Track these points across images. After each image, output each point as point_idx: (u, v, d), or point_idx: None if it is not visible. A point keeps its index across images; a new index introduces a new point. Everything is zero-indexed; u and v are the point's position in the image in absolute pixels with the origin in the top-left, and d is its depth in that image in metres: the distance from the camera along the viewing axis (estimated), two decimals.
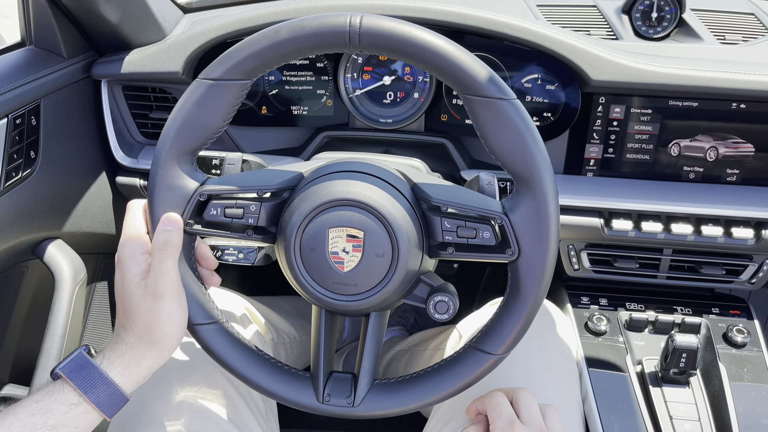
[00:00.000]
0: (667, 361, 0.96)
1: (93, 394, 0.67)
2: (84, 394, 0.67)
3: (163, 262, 0.69)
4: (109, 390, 0.68)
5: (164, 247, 0.69)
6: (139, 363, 0.70)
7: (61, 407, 0.66)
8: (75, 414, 0.67)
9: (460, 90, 0.66)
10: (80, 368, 0.68)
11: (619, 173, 1.11)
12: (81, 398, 0.67)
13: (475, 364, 0.72)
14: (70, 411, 0.66)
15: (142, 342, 0.70)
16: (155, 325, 0.69)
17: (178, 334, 0.71)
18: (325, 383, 0.74)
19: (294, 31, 0.65)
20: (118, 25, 1.08)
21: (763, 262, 1.09)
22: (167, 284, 0.69)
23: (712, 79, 1.00)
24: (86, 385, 0.67)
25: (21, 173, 0.97)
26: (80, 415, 0.67)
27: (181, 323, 0.71)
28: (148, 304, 0.69)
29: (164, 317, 0.69)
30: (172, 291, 0.69)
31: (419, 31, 0.64)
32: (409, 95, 1.15)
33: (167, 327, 0.70)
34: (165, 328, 0.70)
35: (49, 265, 1.07)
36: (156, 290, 0.69)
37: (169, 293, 0.69)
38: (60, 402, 0.66)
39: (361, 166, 0.73)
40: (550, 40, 1.03)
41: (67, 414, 0.66)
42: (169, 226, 0.70)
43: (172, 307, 0.70)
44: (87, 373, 0.68)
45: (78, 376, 0.68)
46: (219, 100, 0.68)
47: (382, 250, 0.68)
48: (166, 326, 0.70)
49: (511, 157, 0.67)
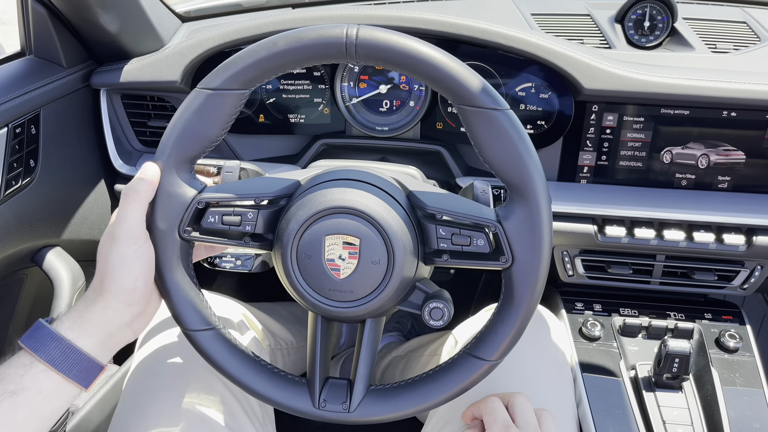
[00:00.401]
0: (660, 366, 0.97)
1: (43, 351, 0.65)
2: (34, 352, 0.65)
3: (124, 207, 0.68)
4: (61, 346, 0.65)
5: (128, 191, 0.69)
6: (86, 315, 0.68)
7: (16, 371, 0.64)
8: (31, 375, 0.64)
9: (455, 100, 0.67)
10: (33, 331, 0.67)
11: (612, 180, 1.12)
12: (32, 357, 0.65)
13: (470, 370, 0.73)
14: (25, 373, 0.64)
15: (95, 292, 0.69)
16: (107, 270, 0.68)
17: (128, 284, 0.69)
18: (321, 389, 0.75)
19: (292, 42, 0.66)
20: (118, 34, 1.09)
21: (755, 268, 1.10)
22: (124, 227, 0.68)
23: (704, 87, 1.02)
24: (36, 344, 0.65)
25: (20, 182, 0.98)
26: (37, 375, 0.64)
27: (131, 272, 0.68)
28: (105, 249, 0.68)
29: (115, 261, 0.68)
30: (127, 235, 0.68)
31: (415, 42, 0.66)
32: (405, 103, 1.17)
33: (117, 272, 0.68)
34: (115, 274, 0.68)
35: (48, 273, 1.08)
36: (113, 233, 0.68)
37: (124, 237, 0.68)
38: (15, 366, 0.65)
39: (358, 174, 0.74)
40: (544, 49, 1.04)
41: (24, 377, 0.64)
42: (141, 174, 0.70)
43: (125, 251, 0.68)
44: (37, 333, 0.66)
45: (30, 338, 0.66)
46: (217, 110, 0.69)
47: (378, 257, 0.69)
48: (115, 272, 0.68)
49: (504, 166, 0.68)
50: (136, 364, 0.94)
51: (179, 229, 0.72)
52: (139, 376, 0.91)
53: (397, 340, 1.59)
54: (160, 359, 0.92)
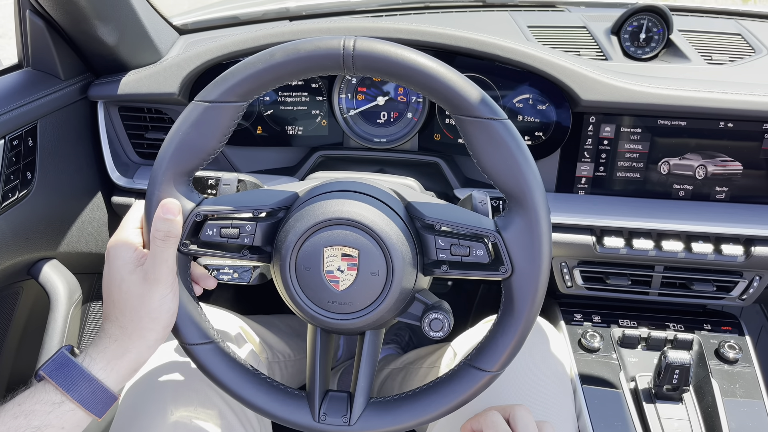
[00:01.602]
0: (660, 377, 0.96)
1: (75, 391, 0.66)
2: (66, 392, 0.66)
3: (164, 250, 0.69)
4: (92, 387, 0.67)
5: (167, 237, 0.69)
6: (122, 356, 0.69)
7: (44, 407, 0.65)
8: (59, 413, 0.65)
9: (453, 111, 0.67)
10: (61, 366, 0.67)
11: (610, 191, 1.13)
12: (63, 397, 0.66)
13: (470, 381, 0.72)
14: (53, 411, 0.65)
15: (127, 333, 0.69)
16: (145, 311, 0.69)
17: (167, 321, 0.71)
18: (321, 402, 0.74)
19: (289, 54, 0.66)
20: (115, 47, 1.09)
21: (753, 278, 1.10)
22: (165, 269, 0.69)
23: (700, 99, 1.02)
24: (68, 383, 0.66)
25: (17, 194, 0.98)
26: (65, 414, 0.66)
27: (170, 309, 0.71)
28: (139, 290, 0.69)
29: (156, 302, 0.69)
30: (168, 277, 0.70)
31: (412, 53, 0.66)
32: (403, 115, 1.17)
33: (157, 313, 0.69)
34: (154, 314, 0.69)
35: (45, 286, 1.07)
36: (155, 275, 0.69)
37: (165, 279, 0.69)
38: (43, 402, 0.65)
39: (356, 185, 0.74)
40: (541, 61, 1.05)
41: (50, 414, 0.65)
42: (169, 215, 0.70)
43: (166, 292, 0.70)
44: (68, 371, 0.67)
45: (59, 374, 0.66)
46: (215, 122, 0.69)
47: (377, 269, 0.69)
48: (156, 311, 0.69)
49: (503, 176, 0.68)
50: (133, 377, 0.93)
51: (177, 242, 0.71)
52: (137, 389, 0.90)
53: (394, 353, 1.59)
54: (158, 373, 0.91)
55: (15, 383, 1.16)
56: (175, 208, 0.70)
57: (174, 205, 0.70)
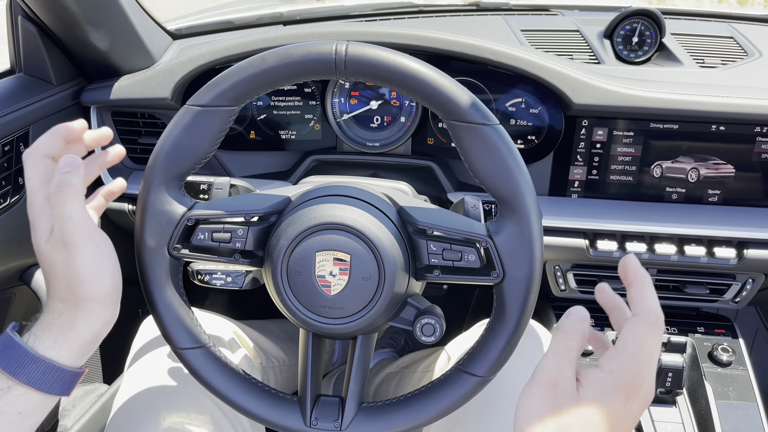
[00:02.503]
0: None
1: (22, 374, 0.60)
2: (12, 376, 0.60)
3: (64, 206, 0.61)
4: (42, 367, 0.61)
5: (59, 188, 0.61)
6: (69, 330, 0.62)
7: None
8: (9, 399, 0.60)
9: (444, 116, 0.67)
10: (5, 348, 0.61)
11: (603, 194, 1.13)
12: (10, 381, 0.60)
13: (462, 386, 0.72)
14: (2, 397, 0.60)
15: (69, 305, 0.63)
16: (76, 279, 0.61)
17: (107, 286, 0.63)
18: (313, 407, 0.74)
19: (281, 59, 0.66)
20: (108, 52, 1.09)
21: (746, 281, 1.11)
22: (74, 229, 0.61)
23: (692, 102, 1.03)
24: (12, 366, 0.60)
25: (9, 200, 0.97)
26: (16, 399, 0.60)
27: (105, 272, 0.63)
28: (61, 258, 0.61)
29: (82, 267, 0.61)
30: (82, 236, 0.61)
31: (403, 58, 0.66)
32: (396, 119, 1.17)
33: (90, 280, 0.62)
34: (89, 282, 0.62)
35: (37, 291, 1.07)
36: (63, 238, 0.61)
37: (80, 239, 0.61)
38: None
39: (348, 190, 0.74)
40: (533, 64, 1.05)
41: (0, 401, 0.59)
42: (66, 168, 0.62)
43: (89, 253, 0.61)
44: (12, 352, 0.60)
45: (3, 357, 0.60)
46: (207, 126, 0.69)
47: (369, 273, 0.69)
48: (90, 279, 0.62)
49: (494, 180, 0.68)
50: (125, 383, 0.93)
51: (168, 247, 0.71)
52: (129, 395, 0.90)
53: (390, 357, 1.58)
54: (150, 378, 0.91)
55: None
56: (73, 162, 0.62)
57: (71, 158, 0.62)
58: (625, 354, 0.53)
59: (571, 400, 0.52)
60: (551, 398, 0.53)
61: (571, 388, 0.53)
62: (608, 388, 0.52)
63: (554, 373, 0.54)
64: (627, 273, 0.58)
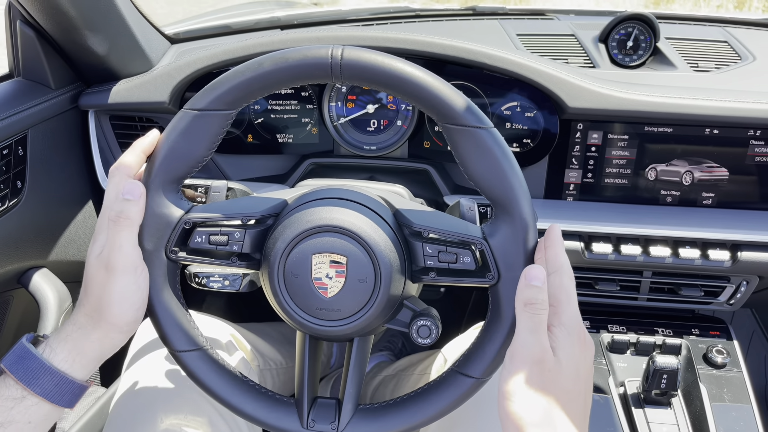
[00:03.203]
0: (649, 382, 0.97)
1: (37, 385, 0.62)
2: (27, 386, 0.62)
3: (117, 235, 0.64)
4: (55, 379, 0.63)
5: (117, 218, 0.65)
6: (85, 345, 0.65)
7: (5, 403, 0.62)
8: (22, 409, 0.62)
9: (439, 119, 0.68)
10: (21, 359, 0.63)
11: (598, 197, 1.13)
12: (25, 391, 0.62)
13: (458, 387, 0.73)
14: (15, 406, 0.62)
15: (92, 321, 0.66)
16: (106, 302, 0.65)
17: (130, 316, 0.66)
18: (310, 409, 0.75)
19: (277, 63, 0.67)
20: (106, 56, 1.10)
21: (741, 283, 1.11)
22: (120, 258, 0.64)
23: (686, 105, 1.04)
24: (28, 376, 0.62)
25: (7, 203, 0.98)
26: (29, 409, 0.62)
27: (133, 304, 0.66)
28: (101, 278, 0.65)
29: (116, 294, 0.65)
30: (125, 266, 0.65)
31: (399, 63, 0.66)
32: (393, 123, 1.18)
33: (117, 306, 0.65)
34: (115, 308, 0.65)
35: (35, 294, 1.07)
36: (108, 263, 0.64)
37: (121, 268, 0.64)
38: (4, 398, 0.62)
39: (345, 192, 0.75)
40: (528, 69, 1.06)
41: (13, 410, 0.61)
42: (127, 195, 0.66)
43: (125, 283, 0.65)
44: (28, 363, 0.62)
45: (19, 367, 0.62)
46: (204, 130, 0.69)
47: (365, 276, 0.70)
48: (117, 305, 0.65)
49: (489, 183, 0.68)
50: (123, 386, 0.93)
51: (166, 250, 0.72)
52: (126, 398, 0.90)
53: (387, 359, 1.59)
54: (148, 381, 0.91)
55: None
56: (135, 190, 0.66)
57: (134, 186, 0.66)
58: (562, 303, 0.61)
59: (555, 372, 0.57)
60: (538, 375, 0.57)
61: (552, 359, 0.58)
62: (569, 339, 0.59)
63: (537, 349, 0.58)
64: (547, 236, 0.66)
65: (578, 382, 0.59)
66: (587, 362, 0.61)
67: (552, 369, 0.58)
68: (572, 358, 0.59)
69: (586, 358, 0.61)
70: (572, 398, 0.58)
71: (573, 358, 0.59)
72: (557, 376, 0.58)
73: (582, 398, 0.60)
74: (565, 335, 0.59)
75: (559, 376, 0.58)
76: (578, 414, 0.59)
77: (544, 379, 0.57)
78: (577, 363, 0.59)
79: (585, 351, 0.61)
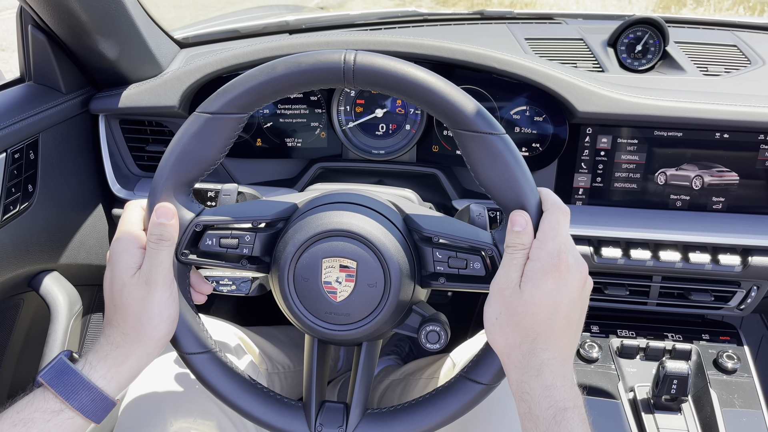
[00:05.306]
0: (659, 387, 0.97)
1: (75, 400, 0.65)
2: (66, 400, 0.65)
3: (158, 253, 0.68)
4: (93, 395, 0.66)
5: (159, 240, 0.68)
6: (123, 363, 0.68)
7: (43, 416, 0.64)
8: (58, 422, 0.64)
9: (451, 125, 0.68)
10: (61, 374, 0.66)
11: (607, 202, 1.13)
12: (63, 405, 0.65)
13: (466, 393, 0.72)
14: (52, 419, 0.64)
15: (128, 339, 0.69)
16: (146, 316, 0.68)
17: (167, 328, 0.70)
18: (317, 413, 0.75)
19: (290, 67, 0.67)
20: (116, 61, 1.10)
21: (751, 288, 1.11)
22: (161, 273, 0.68)
23: (695, 110, 1.03)
24: (67, 391, 0.65)
25: (18, 207, 0.98)
26: (64, 422, 0.65)
27: (170, 316, 0.70)
28: (140, 294, 0.68)
29: (156, 307, 0.68)
30: (165, 280, 0.69)
31: (411, 68, 0.66)
32: (401, 127, 1.18)
33: (158, 318, 0.68)
34: (155, 320, 0.68)
35: (45, 298, 1.08)
36: (150, 278, 0.68)
37: (162, 282, 0.68)
38: (42, 410, 0.64)
39: (354, 197, 0.75)
40: (537, 73, 1.06)
41: (49, 422, 0.64)
42: (163, 219, 0.69)
43: (164, 296, 0.69)
44: (67, 378, 0.66)
45: (59, 382, 0.65)
46: (216, 134, 0.70)
47: (375, 280, 0.70)
48: (157, 317, 0.68)
49: (500, 190, 0.68)
50: (132, 388, 0.93)
51: (177, 252, 0.72)
52: (136, 400, 0.91)
53: (395, 364, 1.59)
54: (157, 383, 0.92)
55: (16, 395, 1.16)
56: (168, 213, 0.69)
57: (167, 209, 0.70)
58: (546, 239, 0.64)
59: (516, 297, 0.64)
60: (500, 300, 0.65)
61: (515, 287, 0.64)
62: (539, 271, 0.63)
63: (501, 280, 0.65)
64: (541, 193, 0.69)
65: (556, 312, 0.64)
66: (569, 293, 0.64)
67: (513, 294, 0.64)
68: (538, 289, 0.63)
69: (567, 290, 0.64)
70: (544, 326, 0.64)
71: (540, 290, 0.63)
72: (517, 301, 0.64)
73: (561, 326, 0.64)
74: (536, 269, 0.64)
75: (519, 303, 0.64)
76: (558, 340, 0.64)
77: (505, 302, 0.65)
78: (550, 295, 0.63)
79: (562, 284, 0.64)
